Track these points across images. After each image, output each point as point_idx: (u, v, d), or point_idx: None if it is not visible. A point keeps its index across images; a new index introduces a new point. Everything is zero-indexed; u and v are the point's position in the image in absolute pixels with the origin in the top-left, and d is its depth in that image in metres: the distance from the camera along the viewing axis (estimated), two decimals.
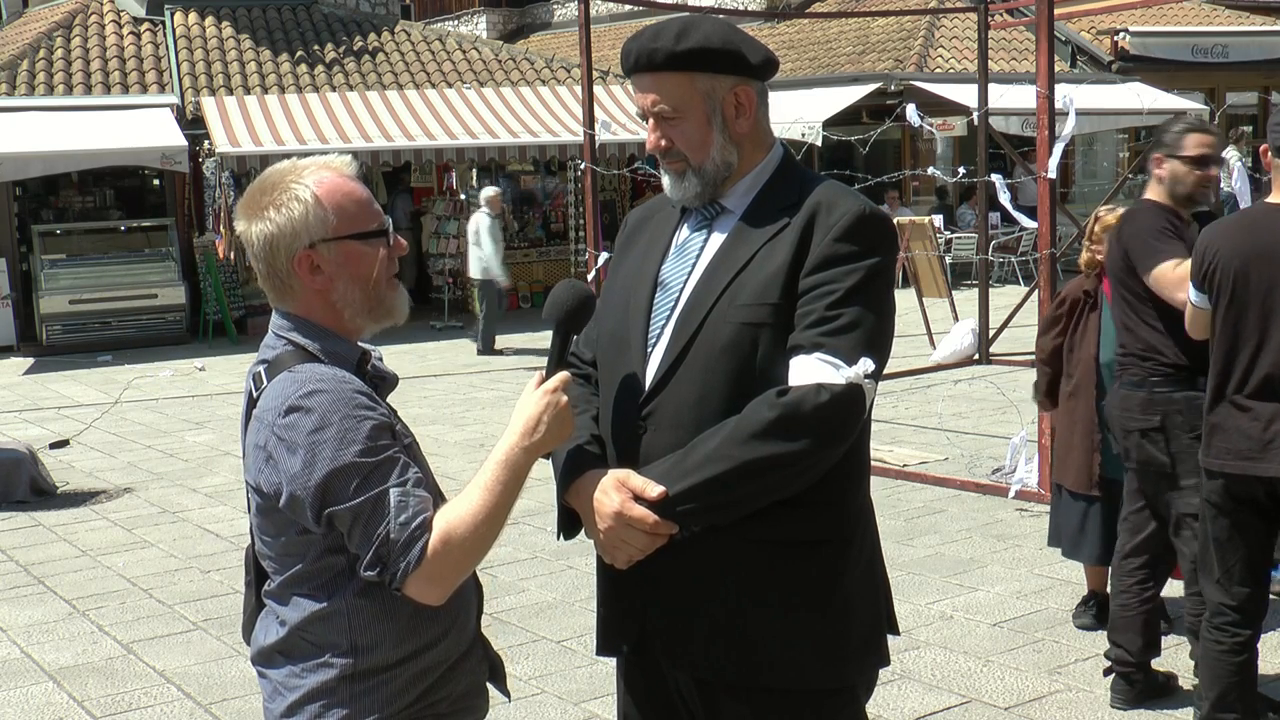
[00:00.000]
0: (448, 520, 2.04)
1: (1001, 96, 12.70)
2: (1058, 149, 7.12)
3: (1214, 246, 3.81)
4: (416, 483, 2.06)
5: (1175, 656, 4.77)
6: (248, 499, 2.21)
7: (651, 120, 2.34)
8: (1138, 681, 4.46)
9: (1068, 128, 7.50)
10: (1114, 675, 4.50)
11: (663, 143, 2.34)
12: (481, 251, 14.11)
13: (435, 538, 2.02)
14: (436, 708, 2.18)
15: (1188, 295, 3.93)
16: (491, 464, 2.10)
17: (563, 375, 2.19)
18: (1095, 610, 5.18)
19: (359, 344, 2.23)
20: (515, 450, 2.11)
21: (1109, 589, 4.66)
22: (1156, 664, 4.57)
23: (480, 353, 14.25)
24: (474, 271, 14.39)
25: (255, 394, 2.13)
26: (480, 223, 14.16)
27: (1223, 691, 3.84)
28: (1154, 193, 4.38)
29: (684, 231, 2.42)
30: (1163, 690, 4.53)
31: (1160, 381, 4.26)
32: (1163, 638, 4.69)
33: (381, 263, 2.18)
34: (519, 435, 2.12)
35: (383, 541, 2.00)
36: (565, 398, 2.17)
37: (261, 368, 2.15)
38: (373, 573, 2.02)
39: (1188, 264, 3.95)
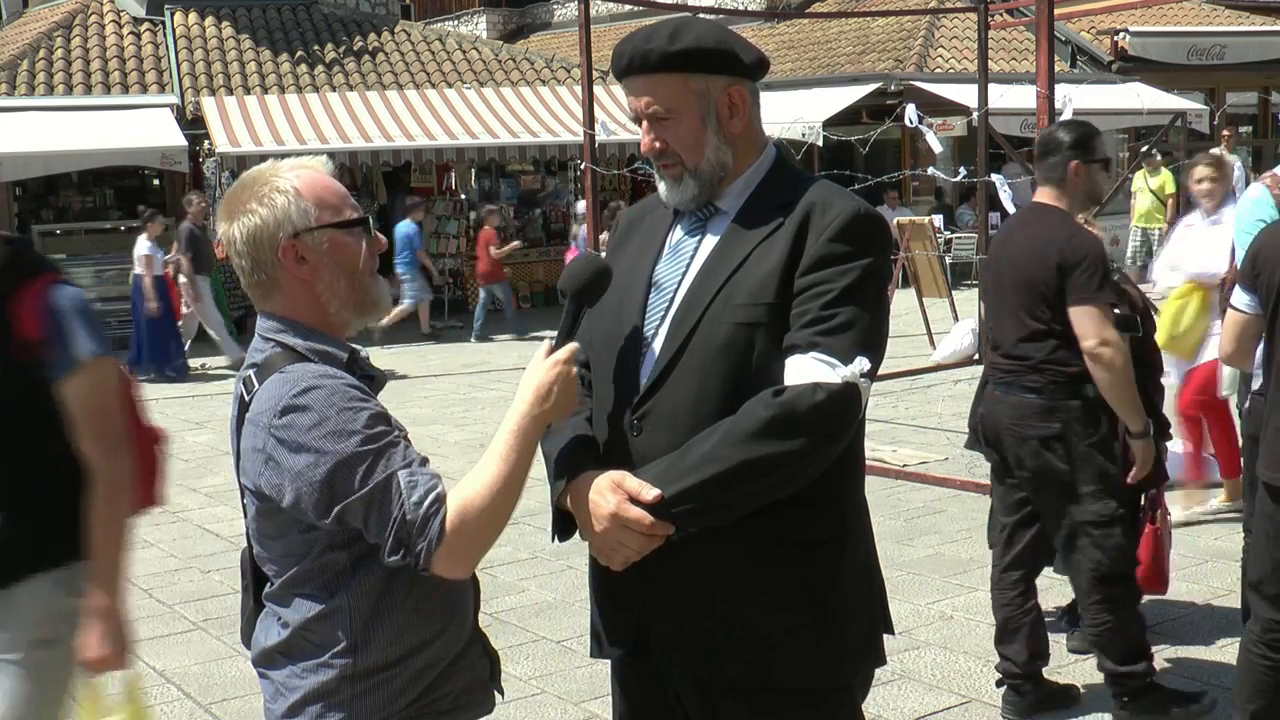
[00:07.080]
0: (463, 494, 2.04)
1: (1001, 96, 12.68)
2: None
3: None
4: (422, 462, 2.06)
5: (1079, 668, 4.73)
6: (243, 503, 2.21)
7: (645, 123, 2.34)
8: (1028, 692, 4.41)
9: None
10: (1004, 687, 4.46)
11: (657, 144, 2.33)
12: None
13: (452, 512, 2.01)
14: (438, 704, 2.19)
15: None
16: (504, 434, 2.10)
17: (572, 346, 2.19)
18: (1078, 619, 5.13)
19: (348, 343, 2.24)
20: (526, 419, 2.11)
21: (992, 602, 4.61)
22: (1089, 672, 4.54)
23: None
24: None
25: (246, 398, 2.13)
26: None
27: (1263, 707, 3.77)
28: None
29: (677, 232, 2.42)
30: (1059, 700, 4.47)
31: (1058, 388, 4.16)
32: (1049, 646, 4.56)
33: (364, 254, 2.21)
34: (529, 404, 2.12)
35: (399, 524, 2.00)
36: (575, 369, 2.17)
37: (251, 372, 2.15)
38: (396, 557, 2.02)
39: None
